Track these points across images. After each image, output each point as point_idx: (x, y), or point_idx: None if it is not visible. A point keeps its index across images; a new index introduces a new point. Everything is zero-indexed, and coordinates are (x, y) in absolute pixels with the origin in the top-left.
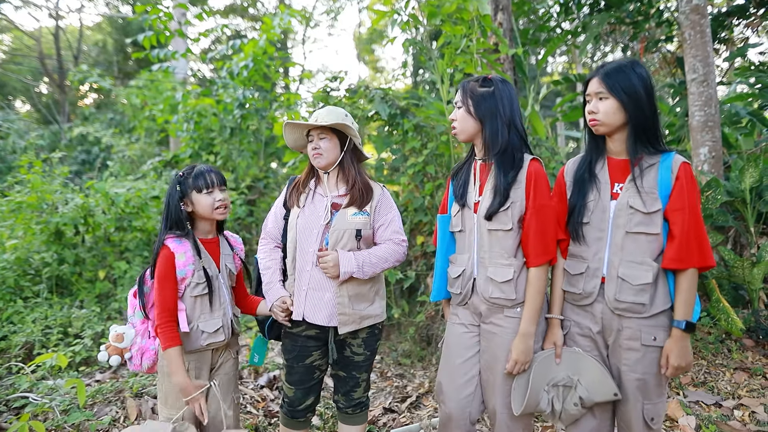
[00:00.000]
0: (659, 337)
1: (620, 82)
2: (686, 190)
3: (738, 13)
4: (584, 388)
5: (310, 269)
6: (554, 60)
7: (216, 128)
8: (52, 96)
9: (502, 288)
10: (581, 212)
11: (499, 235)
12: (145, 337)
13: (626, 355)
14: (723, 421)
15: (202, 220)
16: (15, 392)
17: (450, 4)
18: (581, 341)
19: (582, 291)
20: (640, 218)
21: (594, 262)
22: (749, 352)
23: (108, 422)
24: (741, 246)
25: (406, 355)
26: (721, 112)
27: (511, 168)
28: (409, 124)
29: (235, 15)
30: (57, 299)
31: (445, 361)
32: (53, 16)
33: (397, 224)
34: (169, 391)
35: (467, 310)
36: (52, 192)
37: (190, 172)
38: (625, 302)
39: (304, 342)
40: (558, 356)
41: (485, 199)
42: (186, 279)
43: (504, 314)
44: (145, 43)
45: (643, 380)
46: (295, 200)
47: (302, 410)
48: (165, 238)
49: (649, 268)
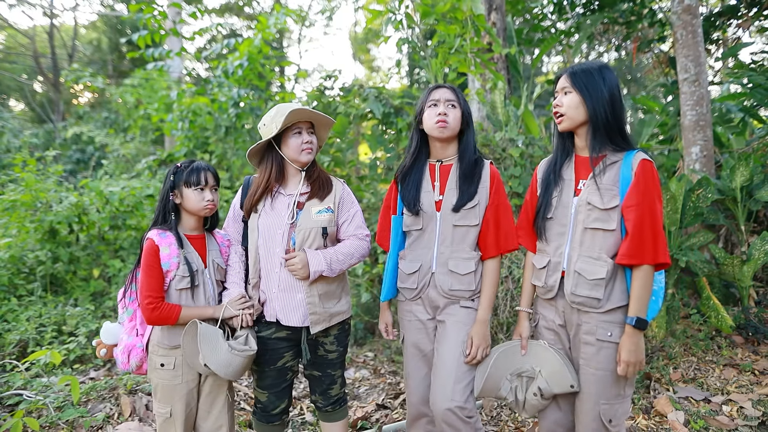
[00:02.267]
0: (615, 333)
1: (583, 79)
2: (642, 187)
3: (729, 13)
4: (544, 380)
5: (279, 270)
6: (549, 59)
7: (211, 127)
8: (46, 95)
9: (463, 280)
10: (546, 208)
11: (463, 231)
12: (132, 335)
13: (584, 349)
14: (711, 417)
15: (188, 216)
16: (9, 389)
17: (444, 4)
18: (547, 334)
19: (545, 284)
20: (597, 214)
21: (555, 257)
22: (739, 349)
23: (102, 419)
24: (732, 244)
25: (400, 352)
26: (713, 112)
27: (475, 167)
28: (403, 123)
29: (231, 14)
30: (51, 297)
31: (407, 358)
32: (48, 15)
33: (359, 219)
34: (158, 386)
35: (421, 306)
36: (47, 190)
37: (187, 166)
38: (581, 296)
39: (275, 345)
40: (524, 347)
41: (450, 196)
42: (171, 271)
43: (460, 305)
44: (140, 42)
45: (598, 376)
46: (255, 203)
47: (277, 414)
48: (150, 231)
49: (605, 264)
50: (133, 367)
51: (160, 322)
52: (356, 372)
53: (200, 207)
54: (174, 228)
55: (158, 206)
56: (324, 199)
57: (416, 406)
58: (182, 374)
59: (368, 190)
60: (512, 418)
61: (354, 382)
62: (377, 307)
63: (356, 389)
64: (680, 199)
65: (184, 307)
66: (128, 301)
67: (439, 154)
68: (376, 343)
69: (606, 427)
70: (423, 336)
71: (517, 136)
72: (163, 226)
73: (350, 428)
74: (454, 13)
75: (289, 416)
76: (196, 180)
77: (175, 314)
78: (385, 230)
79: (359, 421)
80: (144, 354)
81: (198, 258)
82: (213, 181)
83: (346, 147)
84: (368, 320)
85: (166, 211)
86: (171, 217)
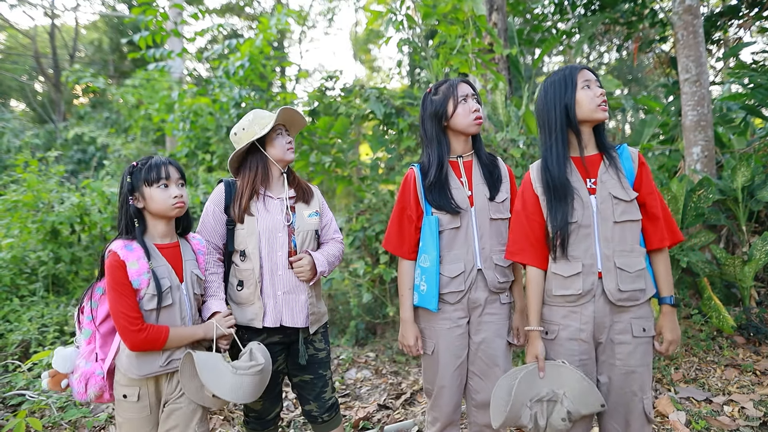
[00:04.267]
0: (648, 327)
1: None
2: (648, 176)
3: (730, 14)
4: (570, 401)
5: (282, 273)
6: (550, 60)
7: (212, 127)
8: (47, 95)
9: (505, 272)
10: (568, 214)
11: (498, 224)
12: (90, 360)
13: (619, 350)
14: (713, 417)
15: (156, 220)
16: (12, 390)
17: (445, 5)
18: (571, 345)
19: (581, 290)
20: (624, 207)
21: (587, 259)
22: (740, 349)
23: (104, 419)
24: (733, 244)
25: (401, 353)
26: (714, 112)
27: (495, 161)
28: (404, 123)
29: (231, 14)
30: (53, 298)
31: (444, 369)
32: (49, 15)
33: (335, 223)
34: (123, 422)
35: (460, 309)
36: (48, 191)
37: (144, 163)
38: (627, 291)
39: (269, 350)
40: (542, 369)
41: (480, 190)
42: (141, 290)
43: (500, 302)
44: (141, 43)
45: (639, 372)
46: (247, 207)
47: (272, 419)
48: (113, 243)
49: (640, 254)
50: (92, 397)
51: (146, 347)
52: (358, 372)
53: (168, 206)
54: (140, 237)
55: (119, 215)
56: (310, 203)
57: (449, 415)
58: (149, 405)
59: (369, 190)
60: None
61: (356, 383)
62: (378, 308)
63: (358, 389)
64: (681, 199)
65: (172, 328)
66: (86, 320)
67: (460, 149)
68: (377, 344)
69: (649, 419)
70: (460, 342)
71: (518, 137)
72: (128, 237)
73: (352, 428)
74: (456, 14)
75: (290, 416)
76: (157, 175)
77: (163, 337)
78: (398, 235)
79: (361, 421)
80: (104, 382)
81: (171, 271)
82: (177, 174)
83: (348, 147)
84: (370, 321)
85: (128, 220)
86: (135, 225)
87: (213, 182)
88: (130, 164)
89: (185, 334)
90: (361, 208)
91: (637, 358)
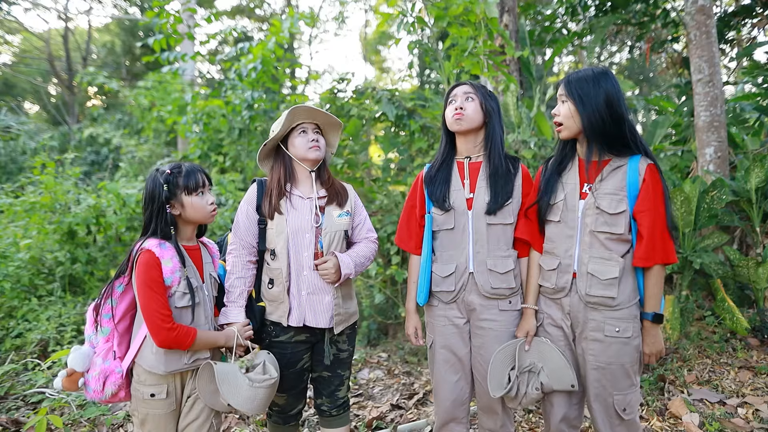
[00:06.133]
0: (622, 328)
1: (577, 87)
2: (652, 193)
3: (744, 13)
4: (545, 375)
5: (308, 273)
6: (561, 60)
7: (225, 129)
8: (61, 97)
9: (503, 279)
10: (550, 211)
11: (498, 229)
12: (108, 359)
13: (591, 346)
14: (726, 419)
15: (186, 225)
16: (32, 387)
17: (457, 7)
18: (552, 331)
19: (555, 285)
20: (605, 218)
21: (565, 259)
22: (754, 351)
23: (123, 417)
24: (747, 246)
25: (413, 353)
26: (727, 112)
27: (509, 165)
28: (416, 125)
29: (242, 16)
30: (70, 297)
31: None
32: (62, 18)
33: (369, 222)
34: (147, 417)
35: (455, 309)
36: (65, 192)
37: (179, 171)
38: (596, 296)
39: (294, 348)
40: (528, 343)
41: (481, 194)
42: (172, 287)
43: (499, 308)
44: (155, 46)
45: (609, 370)
46: (276, 205)
47: (294, 414)
48: (146, 242)
49: (617, 264)
50: (108, 395)
51: (173, 345)
52: (370, 372)
53: (206, 213)
54: (175, 241)
55: (149, 219)
56: (343, 205)
57: (448, 411)
58: (175, 400)
59: (381, 192)
60: (526, 419)
61: (368, 383)
62: (390, 308)
63: (371, 389)
64: (694, 200)
65: (199, 331)
66: (105, 318)
67: (465, 150)
68: (389, 344)
69: (620, 415)
70: (458, 340)
71: (529, 138)
72: (159, 237)
73: (366, 428)
74: (467, 16)
75: (304, 416)
76: (195, 184)
77: (190, 339)
78: (407, 230)
79: (374, 421)
80: (123, 380)
81: (196, 272)
82: (207, 180)
83: (359, 149)
84: (382, 321)
85: (160, 225)
86: (171, 232)
87: (226, 184)
88: (160, 171)
89: (209, 339)
90: (373, 209)
91: (610, 356)
